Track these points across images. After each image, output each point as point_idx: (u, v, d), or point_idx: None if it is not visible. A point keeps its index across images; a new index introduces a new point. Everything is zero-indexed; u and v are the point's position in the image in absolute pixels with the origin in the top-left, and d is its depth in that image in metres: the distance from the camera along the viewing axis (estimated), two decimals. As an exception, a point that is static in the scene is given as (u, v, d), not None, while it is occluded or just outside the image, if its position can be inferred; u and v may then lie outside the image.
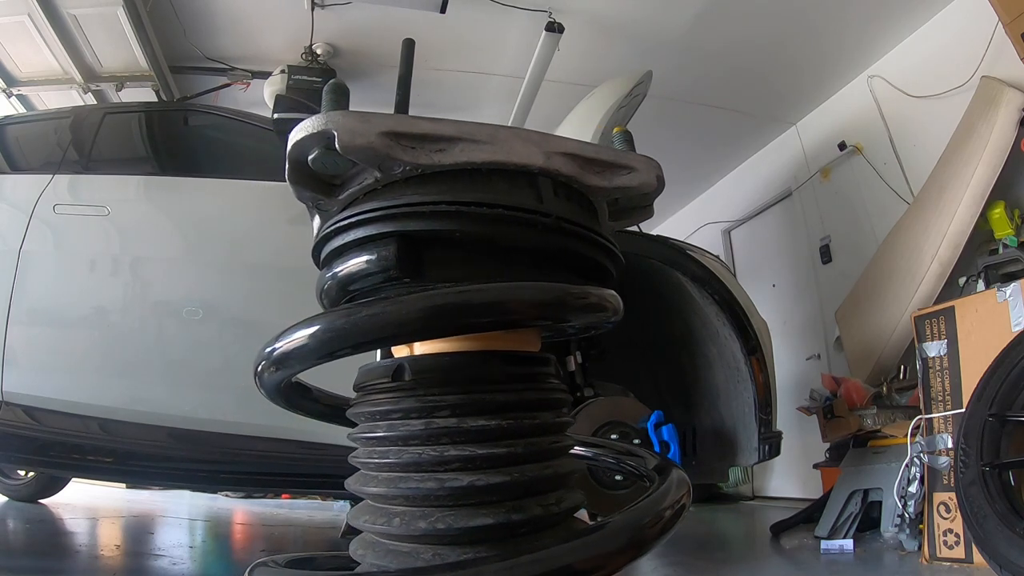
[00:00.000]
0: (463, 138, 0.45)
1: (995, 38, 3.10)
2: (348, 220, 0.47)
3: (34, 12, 3.21)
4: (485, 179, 0.45)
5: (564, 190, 0.48)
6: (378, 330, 0.43)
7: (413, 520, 0.44)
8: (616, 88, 2.85)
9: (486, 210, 0.45)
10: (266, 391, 0.52)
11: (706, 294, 2.38)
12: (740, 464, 2.50)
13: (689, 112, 4.49)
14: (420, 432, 0.46)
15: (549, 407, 0.49)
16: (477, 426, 0.45)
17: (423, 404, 0.46)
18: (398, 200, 0.45)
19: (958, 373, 2.18)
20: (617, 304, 0.50)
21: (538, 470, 0.46)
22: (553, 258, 0.48)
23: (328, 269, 0.50)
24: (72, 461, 2.23)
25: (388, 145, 0.43)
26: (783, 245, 4.99)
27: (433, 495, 0.44)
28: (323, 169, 0.45)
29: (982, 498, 1.76)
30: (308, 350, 0.45)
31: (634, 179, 0.51)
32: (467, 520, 0.44)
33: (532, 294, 0.45)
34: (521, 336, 0.50)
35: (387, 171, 0.45)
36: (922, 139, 3.66)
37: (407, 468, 0.46)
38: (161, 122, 2.83)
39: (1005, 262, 2.97)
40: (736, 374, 2.42)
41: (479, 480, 0.44)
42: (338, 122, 0.43)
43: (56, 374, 2.17)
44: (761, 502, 4.80)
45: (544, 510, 0.45)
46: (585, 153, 0.48)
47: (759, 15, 3.60)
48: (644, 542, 0.45)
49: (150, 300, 2.27)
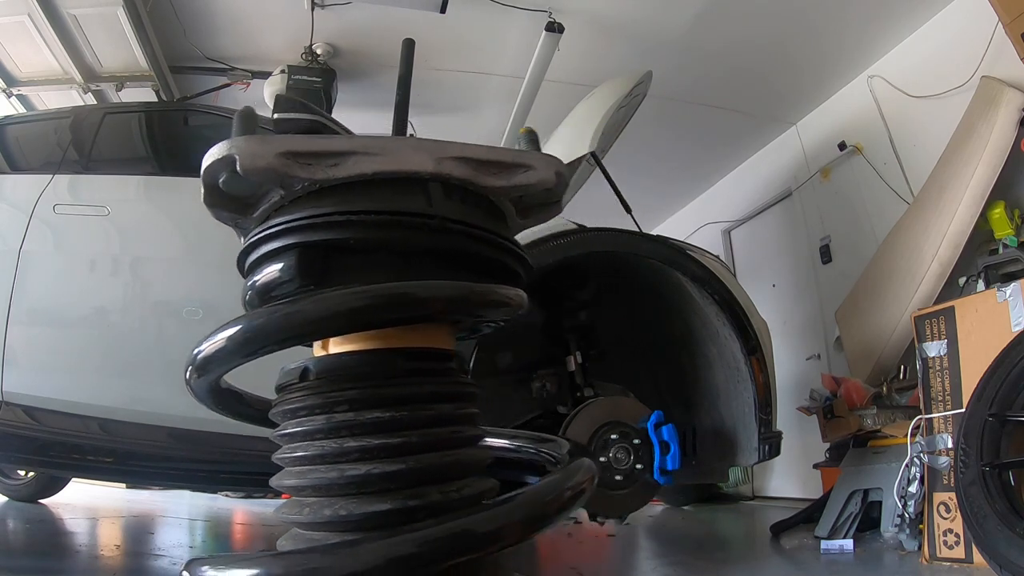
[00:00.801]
0: (356, 152, 0.48)
1: (995, 38, 3.09)
2: (258, 235, 0.51)
3: (34, 12, 3.21)
4: (377, 188, 0.49)
5: (459, 193, 0.51)
6: (280, 331, 0.47)
7: (320, 509, 0.48)
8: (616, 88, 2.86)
9: (374, 217, 0.48)
10: (196, 395, 0.57)
11: (706, 294, 2.38)
12: (740, 464, 2.50)
13: (689, 112, 4.49)
14: (323, 426, 0.50)
15: (447, 399, 0.52)
16: (373, 418, 0.48)
17: (325, 400, 0.50)
18: (298, 214, 0.49)
19: (958, 373, 2.18)
20: (519, 300, 0.53)
21: (436, 459, 0.49)
22: (448, 259, 0.52)
23: (248, 280, 0.55)
24: (72, 461, 2.23)
25: (286, 164, 0.46)
26: (783, 245, 4.99)
27: (335, 484, 0.48)
28: (233, 191, 0.49)
29: (982, 498, 1.76)
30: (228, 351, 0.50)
31: (532, 177, 0.53)
32: (366, 506, 0.47)
33: (425, 291, 0.48)
34: (430, 334, 0.54)
35: (289, 188, 0.48)
36: (922, 139, 3.66)
37: (313, 461, 0.49)
38: (161, 122, 2.83)
39: (1005, 262, 2.97)
40: (736, 374, 2.42)
41: (375, 468, 0.47)
42: (239, 146, 0.46)
43: (56, 374, 2.17)
44: (761, 502, 4.80)
45: (443, 496, 0.48)
46: (479, 155, 0.51)
47: (759, 15, 3.60)
48: (541, 519, 0.48)
49: (150, 300, 2.27)
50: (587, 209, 3.19)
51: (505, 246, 0.55)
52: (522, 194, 0.54)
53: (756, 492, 4.97)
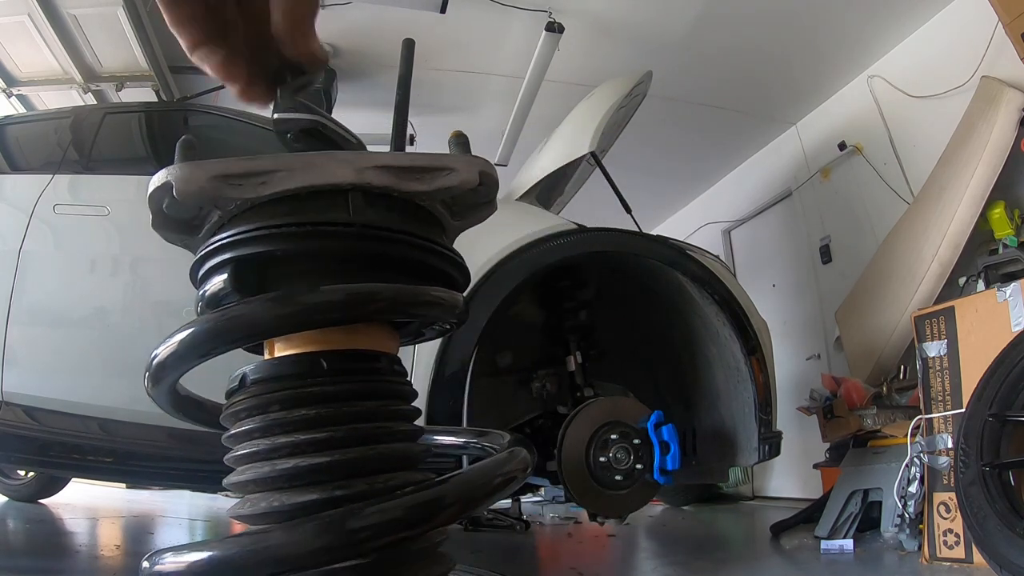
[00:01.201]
0: (280, 169, 0.50)
1: (995, 38, 3.10)
2: (200, 253, 0.55)
3: (34, 12, 3.21)
4: (300, 202, 0.51)
5: (382, 200, 0.54)
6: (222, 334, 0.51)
7: (258, 502, 0.51)
8: (616, 88, 2.85)
9: (296, 229, 0.51)
10: (156, 400, 0.61)
11: (706, 294, 2.38)
12: (740, 464, 2.50)
13: (689, 112, 4.50)
14: (258, 425, 0.53)
15: (373, 397, 0.56)
16: (300, 416, 0.52)
17: (259, 402, 0.53)
18: (231, 231, 0.52)
19: (958, 373, 2.18)
20: (451, 300, 0.56)
21: (362, 452, 0.52)
22: (372, 263, 0.55)
23: (198, 292, 0.58)
24: (72, 461, 2.22)
25: (217, 186, 0.49)
26: (783, 245, 4.99)
27: (268, 478, 0.51)
28: (177, 214, 0.52)
29: (982, 498, 1.76)
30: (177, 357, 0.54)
31: (454, 179, 0.55)
32: (296, 497, 0.50)
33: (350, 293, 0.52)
34: (369, 336, 0.57)
35: (224, 208, 0.51)
36: (922, 139, 3.66)
37: (252, 458, 0.53)
38: (161, 122, 2.83)
39: (1005, 262, 2.97)
40: (736, 374, 2.41)
41: (303, 462, 0.50)
42: (175, 173, 0.50)
43: (56, 374, 2.17)
44: (761, 502, 4.80)
45: (369, 487, 0.51)
46: (400, 163, 0.54)
47: (759, 15, 3.61)
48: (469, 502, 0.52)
49: (150, 300, 2.27)
50: (587, 209, 3.19)
51: (433, 249, 0.57)
52: (449, 196, 0.57)
53: (756, 492, 4.97)
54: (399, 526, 0.47)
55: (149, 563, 0.50)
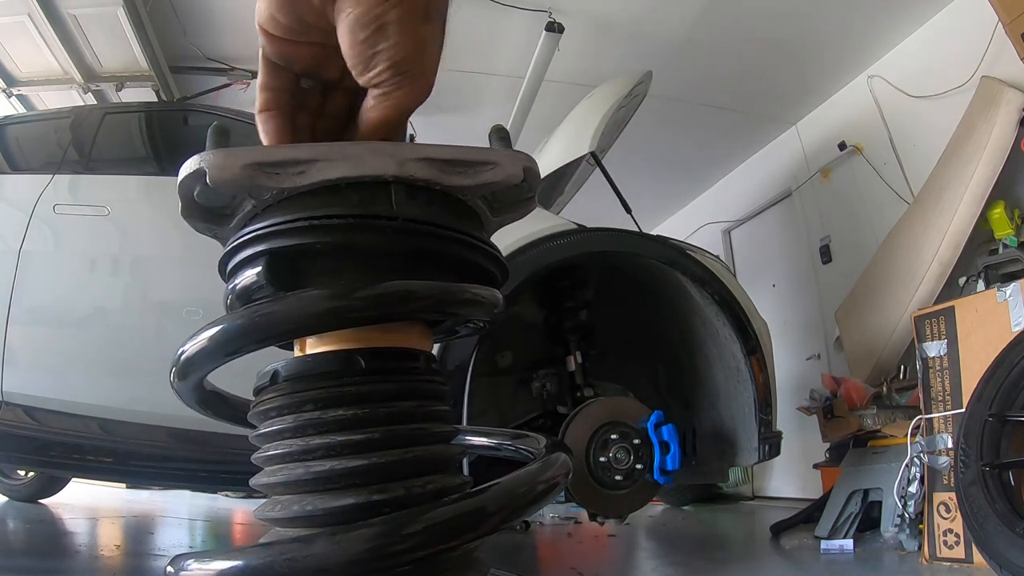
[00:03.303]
0: (319, 159, 0.49)
1: (995, 38, 3.10)
2: (232, 244, 0.53)
3: (34, 12, 3.21)
4: (341, 193, 0.50)
5: (424, 194, 0.52)
6: (256, 331, 0.49)
7: (290, 505, 0.49)
8: (616, 88, 2.85)
9: (337, 221, 0.50)
10: (181, 396, 0.58)
11: (706, 294, 2.38)
12: (740, 464, 2.50)
13: (689, 112, 4.50)
14: (291, 425, 0.51)
15: (411, 397, 0.54)
16: (336, 416, 0.50)
17: (292, 400, 0.51)
18: (266, 222, 0.50)
19: (958, 373, 2.18)
20: (491, 298, 0.54)
21: (400, 455, 0.50)
22: (413, 259, 0.53)
23: (228, 285, 0.56)
24: (72, 461, 2.23)
25: (252, 174, 0.47)
26: (783, 245, 4.99)
27: (302, 480, 0.49)
28: (208, 203, 0.50)
29: (982, 498, 1.76)
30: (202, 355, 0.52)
31: (498, 174, 0.53)
32: (332, 501, 0.48)
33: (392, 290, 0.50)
34: (404, 334, 0.55)
35: (258, 197, 0.49)
36: (922, 139, 3.66)
37: (283, 459, 0.51)
38: (161, 122, 2.83)
39: (1005, 262, 2.97)
40: (736, 374, 2.41)
41: (339, 465, 0.48)
42: (208, 160, 0.47)
43: (56, 374, 2.17)
44: (761, 502, 4.80)
45: (407, 491, 0.49)
46: (443, 155, 0.51)
47: (759, 15, 3.61)
48: (513, 510, 0.49)
49: (150, 300, 2.27)
50: (587, 209, 3.19)
51: (475, 245, 0.55)
52: (491, 192, 0.55)
53: (756, 492, 4.97)
54: (448, 535, 0.45)
55: (174, 568, 0.48)
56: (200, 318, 2.16)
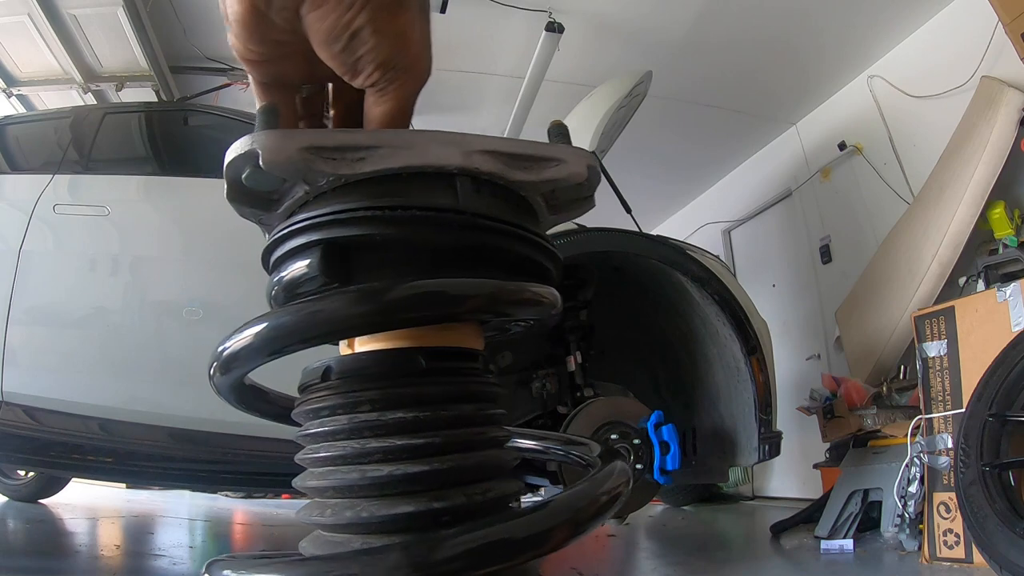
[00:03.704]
0: (381, 146, 0.46)
1: (995, 38, 3.10)
2: (282, 231, 0.50)
3: (34, 12, 3.21)
4: (403, 183, 0.47)
5: (488, 187, 0.49)
6: (310, 328, 0.45)
7: (342, 511, 0.47)
8: (616, 88, 2.86)
9: (400, 212, 0.47)
10: (220, 392, 0.55)
11: (706, 294, 2.38)
12: (740, 464, 2.50)
13: (689, 112, 4.50)
14: (345, 427, 0.48)
15: (472, 399, 0.51)
16: (396, 419, 0.47)
17: (347, 400, 0.49)
18: (322, 209, 0.47)
19: (958, 373, 2.18)
20: (552, 298, 0.52)
21: (460, 460, 0.48)
22: (477, 255, 0.50)
23: (273, 276, 0.53)
24: (72, 461, 2.23)
25: (308, 159, 0.45)
26: (783, 245, 4.99)
27: (356, 485, 0.46)
28: (256, 186, 0.47)
29: (982, 498, 1.76)
30: (252, 349, 0.48)
31: (563, 171, 0.51)
32: (389, 508, 0.45)
33: (455, 289, 0.47)
34: (458, 333, 0.52)
35: (313, 183, 0.46)
36: (922, 139, 3.66)
37: (335, 462, 0.48)
38: (161, 122, 2.83)
39: (1005, 262, 2.97)
40: (736, 374, 2.41)
41: (398, 470, 0.46)
42: (261, 141, 0.45)
43: (56, 374, 2.17)
44: (761, 502, 4.80)
45: (468, 499, 0.47)
46: (509, 149, 0.49)
47: (759, 15, 3.61)
48: (575, 525, 0.47)
49: (150, 300, 2.27)
50: (587, 209, 3.18)
51: (537, 243, 0.53)
52: (553, 189, 0.53)
53: (756, 492, 4.97)
54: (504, 555, 0.43)
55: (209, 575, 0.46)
56: (199, 318, 2.17)
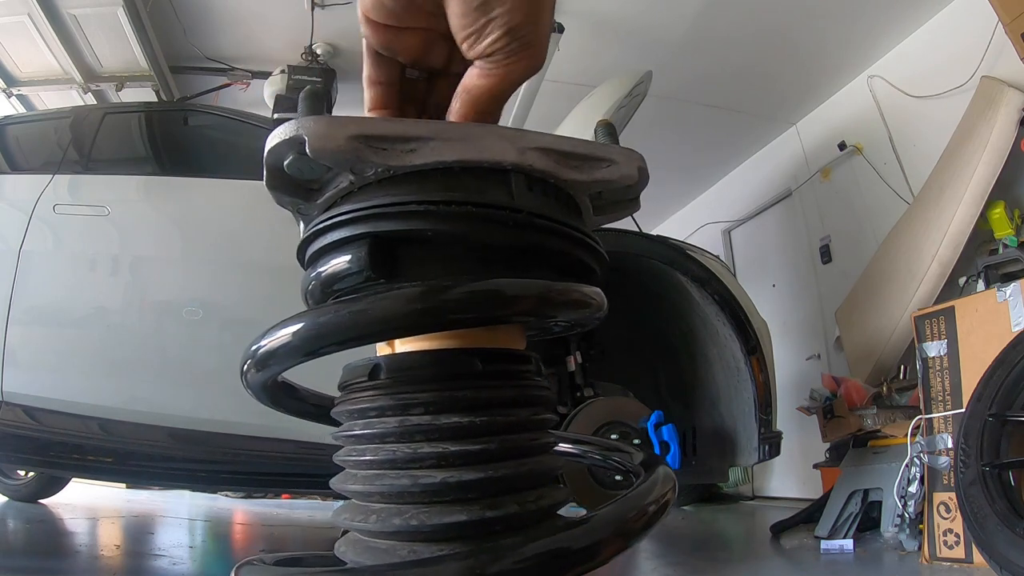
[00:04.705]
0: (434, 137, 0.44)
1: (995, 38, 3.10)
2: (325, 223, 0.47)
3: (34, 12, 3.21)
4: (456, 177, 0.45)
5: (540, 185, 0.48)
6: (357, 327, 0.43)
7: (389, 517, 0.45)
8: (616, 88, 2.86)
9: (456, 208, 0.45)
10: (252, 390, 0.53)
11: (706, 294, 2.38)
12: (740, 464, 2.50)
13: (689, 112, 4.50)
14: (395, 430, 0.46)
15: (526, 404, 0.49)
16: (451, 423, 0.45)
17: (397, 402, 0.46)
18: (370, 201, 0.45)
19: (958, 373, 2.18)
20: (601, 300, 0.51)
21: (514, 467, 0.46)
22: (529, 255, 0.48)
23: (310, 270, 0.50)
24: (72, 461, 2.23)
25: (357, 148, 0.43)
26: (783, 245, 4.99)
27: (407, 492, 0.44)
28: (299, 174, 0.46)
29: (982, 498, 1.76)
30: (292, 348, 0.45)
31: (614, 172, 0.50)
32: (441, 517, 0.44)
33: (512, 289, 0.45)
34: (504, 334, 0.50)
35: (360, 173, 0.44)
36: (922, 139, 3.66)
37: (383, 465, 0.46)
38: (161, 122, 2.83)
39: (1005, 262, 2.97)
40: (736, 374, 2.42)
41: (452, 477, 0.44)
42: (308, 127, 0.43)
43: (56, 374, 2.17)
44: (761, 502, 4.80)
45: (521, 507, 0.45)
46: (562, 147, 0.48)
47: (759, 15, 3.61)
48: (628, 535, 0.45)
49: (150, 300, 2.27)
50: (587, 209, 3.18)
51: (589, 244, 0.52)
52: (600, 189, 0.51)
53: (756, 492, 4.97)
54: (564, 567, 0.41)
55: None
56: (199, 319, 2.17)
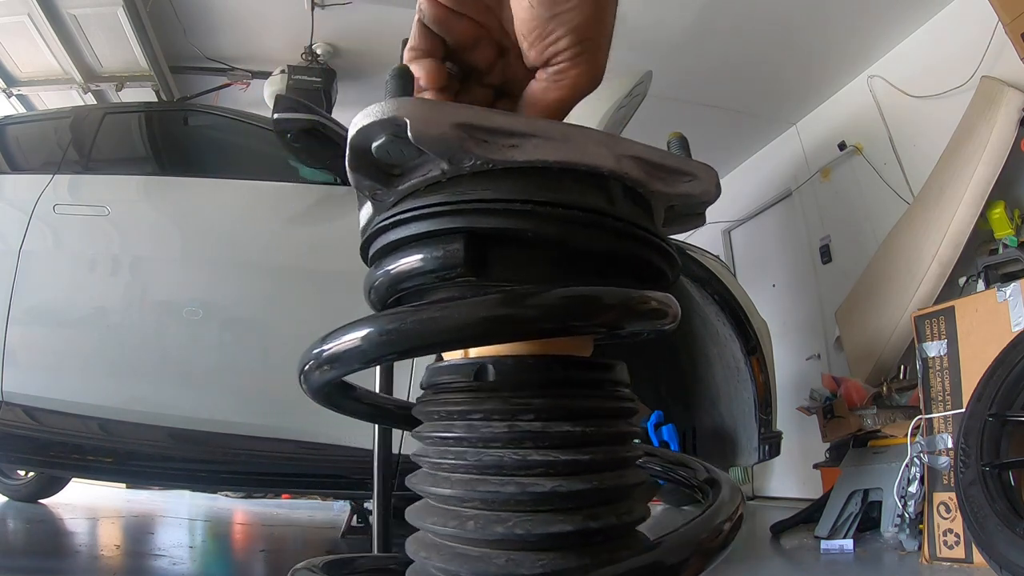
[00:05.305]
0: (537, 135, 0.43)
1: (995, 38, 3.10)
2: (411, 213, 0.44)
3: (34, 12, 3.21)
4: (557, 178, 0.44)
5: (631, 194, 0.47)
6: (441, 334, 0.42)
7: (489, 524, 0.43)
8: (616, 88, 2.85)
9: (561, 211, 0.44)
10: (311, 391, 0.51)
11: (706, 294, 2.38)
12: (740, 464, 2.50)
13: (689, 112, 4.49)
14: (503, 435, 0.44)
15: (623, 415, 0.49)
16: (561, 431, 0.44)
17: (507, 406, 0.45)
18: (469, 195, 0.43)
19: (958, 373, 2.18)
20: (678, 310, 0.50)
21: (615, 478, 0.46)
22: (617, 262, 0.48)
23: (381, 264, 0.48)
24: (72, 461, 2.22)
25: (461, 137, 0.41)
26: (783, 245, 4.99)
27: (514, 499, 0.43)
28: (387, 158, 0.43)
29: (982, 498, 1.76)
30: (362, 352, 0.44)
31: (696, 187, 0.50)
32: (546, 526, 0.43)
33: (608, 298, 0.44)
34: (577, 341, 0.50)
35: (456, 164, 0.42)
36: (922, 139, 3.66)
37: (486, 471, 0.45)
38: (161, 122, 2.83)
39: (1005, 262, 2.97)
40: (736, 374, 2.41)
41: (561, 486, 0.43)
42: (411, 110, 0.40)
43: (56, 374, 2.17)
44: (761, 502, 4.80)
45: (618, 519, 0.45)
46: (652, 158, 0.47)
47: (759, 16, 3.61)
48: (708, 554, 0.45)
49: (150, 300, 2.27)
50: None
51: (673, 256, 0.51)
52: (678, 203, 0.51)
53: (756, 492, 4.97)
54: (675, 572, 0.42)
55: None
56: (200, 318, 2.17)
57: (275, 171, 2.40)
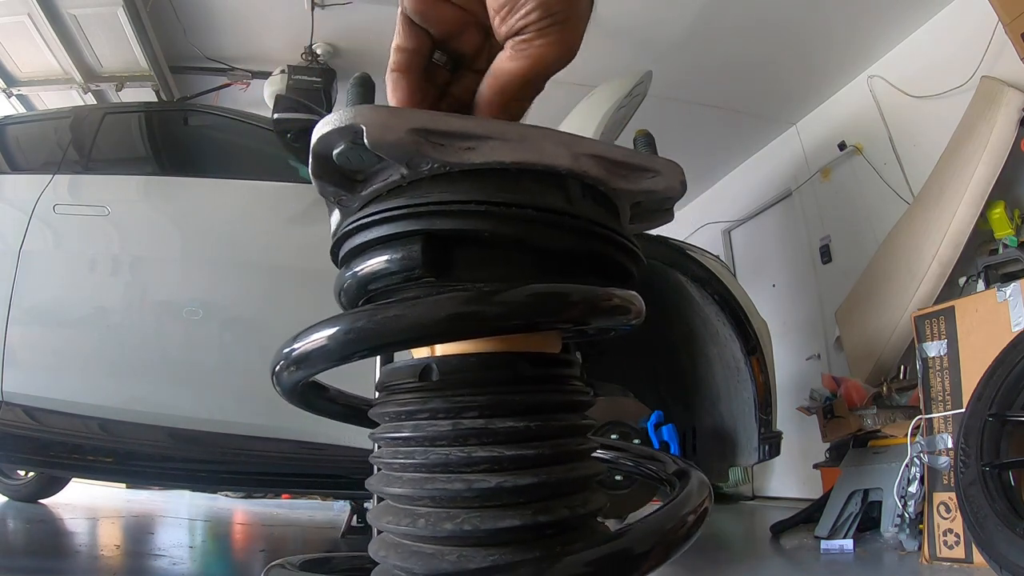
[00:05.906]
0: (493, 136, 0.44)
1: (995, 38, 3.10)
2: (372, 217, 0.46)
3: (34, 12, 3.21)
4: (514, 179, 0.44)
5: (591, 192, 0.48)
6: (402, 331, 0.43)
7: (439, 521, 0.44)
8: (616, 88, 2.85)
9: (516, 211, 0.44)
10: (283, 391, 0.52)
11: (706, 294, 2.38)
12: (740, 464, 2.50)
13: (689, 112, 4.50)
14: (448, 433, 0.45)
15: (574, 409, 0.49)
16: (505, 427, 0.45)
17: (451, 405, 0.46)
18: (426, 198, 0.44)
19: (958, 373, 2.18)
20: (642, 306, 0.50)
21: (564, 472, 0.46)
22: (580, 261, 0.48)
23: (348, 267, 0.49)
24: (72, 461, 2.23)
25: (417, 142, 0.42)
26: (783, 245, 4.99)
27: (460, 496, 0.44)
28: (347, 164, 0.44)
29: (982, 498, 1.76)
30: (328, 351, 0.44)
31: (659, 183, 0.50)
32: (494, 522, 0.43)
33: (566, 296, 0.44)
34: (542, 337, 0.50)
35: (415, 168, 0.43)
36: (922, 139, 3.66)
37: (433, 469, 0.45)
38: (161, 122, 2.83)
39: (1005, 262, 2.97)
40: (736, 374, 2.41)
41: (507, 481, 0.44)
42: (367, 116, 0.41)
43: (56, 374, 2.17)
44: (761, 502, 4.81)
45: (570, 512, 0.45)
46: (612, 155, 0.48)
47: (759, 16, 3.61)
48: (671, 545, 0.46)
49: (150, 300, 2.27)
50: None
51: (634, 251, 0.51)
52: (643, 199, 0.51)
53: (756, 492, 4.97)
54: (623, 570, 0.42)
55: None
56: (199, 318, 2.17)
57: (275, 171, 2.40)
